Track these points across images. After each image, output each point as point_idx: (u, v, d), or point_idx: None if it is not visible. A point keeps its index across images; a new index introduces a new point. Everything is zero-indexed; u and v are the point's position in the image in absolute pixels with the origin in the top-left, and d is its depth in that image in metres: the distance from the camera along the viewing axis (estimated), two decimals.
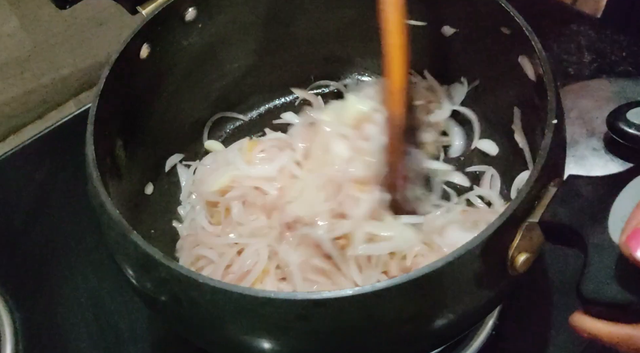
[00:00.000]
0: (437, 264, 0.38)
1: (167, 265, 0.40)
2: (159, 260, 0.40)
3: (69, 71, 0.87)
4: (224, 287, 0.39)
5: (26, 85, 0.85)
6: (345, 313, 0.39)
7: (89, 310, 0.66)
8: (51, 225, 0.72)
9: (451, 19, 0.61)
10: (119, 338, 0.64)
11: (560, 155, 0.45)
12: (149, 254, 0.41)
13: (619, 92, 0.73)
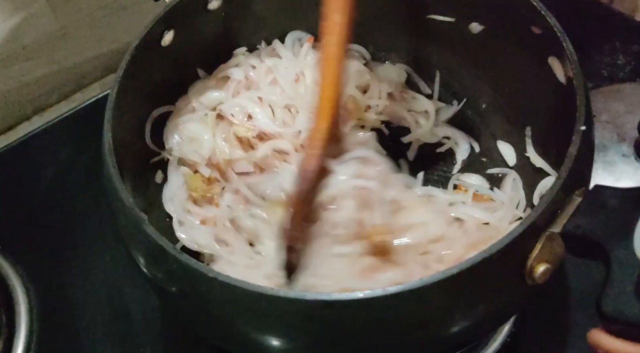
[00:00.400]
0: (452, 270, 0.37)
1: (176, 257, 0.40)
2: (169, 251, 0.40)
3: (94, 53, 0.87)
4: (233, 283, 0.38)
5: (52, 66, 0.85)
6: (356, 315, 0.38)
7: (103, 292, 0.66)
8: (70, 205, 0.72)
9: (480, 16, 0.59)
10: (130, 321, 0.64)
11: (587, 163, 0.43)
12: (159, 244, 0.40)
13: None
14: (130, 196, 0.43)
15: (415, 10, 0.63)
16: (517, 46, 0.56)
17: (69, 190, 0.74)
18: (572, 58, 0.46)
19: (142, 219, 0.41)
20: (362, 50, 0.68)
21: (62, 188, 0.74)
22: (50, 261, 0.69)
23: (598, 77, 0.73)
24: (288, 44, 0.65)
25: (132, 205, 0.42)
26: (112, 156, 0.45)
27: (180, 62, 0.59)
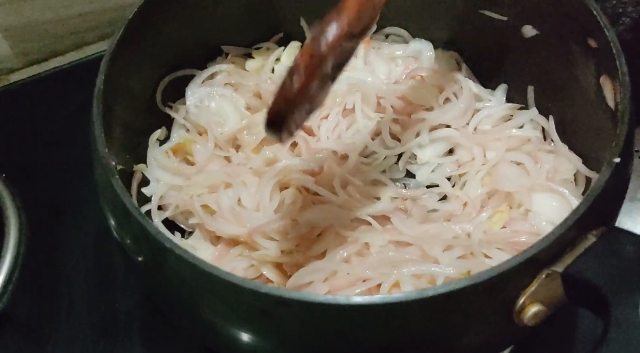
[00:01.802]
0: (427, 292, 0.33)
1: (139, 220, 0.37)
2: (132, 211, 0.37)
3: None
4: (191, 259, 0.35)
5: (92, 4, 0.83)
6: (313, 319, 0.34)
7: (90, 244, 0.64)
8: (77, 144, 0.70)
9: (536, 19, 0.53)
10: (112, 280, 0.62)
11: (613, 201, 0.38)
12: (123, 202, 0.37)
13: None
14: (105, 146, 0.40)
15: (468, 2, 0.58)
16: (569, 56, 0.51)
17: (80, 129, 0.72)
18: (624, 80, 0.40)
19: (112, 171, 0.38)
20: (404, 33, 0.63)
21: (75, 125, 0.72)
22: (46, 191, 0.69)
23: None
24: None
25: (105, 154, 0.39)
26: (100, 101, 0.42)
27: (199, 22, 0.56)
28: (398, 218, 0.50)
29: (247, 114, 0.57)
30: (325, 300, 0.33)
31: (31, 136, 0.74)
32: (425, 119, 0.56)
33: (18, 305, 0.62)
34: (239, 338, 0.38)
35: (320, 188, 0.52)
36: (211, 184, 0.53)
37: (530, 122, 0.55)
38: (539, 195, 0.49)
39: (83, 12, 0.84)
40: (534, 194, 0.49)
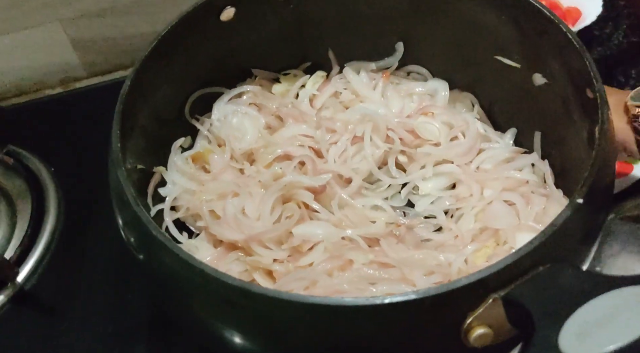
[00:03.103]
0: (374, 300, 0.35)
1: (132, 207, 0.41)
2: (130, 200, 0.41)
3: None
4: (170, 246, 0.39)
5: (155, 26, 0.91)
6: (273, 313, 0.37)
7: (116, 239, 0.69)
8: None
9: (543, 69, 0.56)
10: (129, 272, 0.67)
11: (573, 239, 0.39)
12: (124, 193, 0.42)
13: None
14: (119, 142, 0.45)
15: (485, 47, 0.61)
16: (570, 106, 0.52)
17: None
18: (603, 129, 0.42)
19: (120, 162, 0.43)
20: (425, 71, 0.66)
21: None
22: (87, 186, 0.75)
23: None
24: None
25: (117, 149, 0.44)
26: (122, 102, 0.47)
27: (233, 46, 0.61)
28: (387, 242, 0.53)
29: (265, 133, 0.62)
30: (280, 295, 0.36)
31: (84, 137, 0.82)
32: (430, 153, 0.59)
33: (42, 285, 0.68)
34: (210, 328, 0.42)
35: (318, 205, 0.55)
36: (221, 192, 0.57)
37: (530, 166, 0.57)
38: (523, 234, 0.50)
39: (145, 32, 0.92)
40: (518, 233, 0.50)
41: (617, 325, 0.28)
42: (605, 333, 0.28)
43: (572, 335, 0.29)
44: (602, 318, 0.29)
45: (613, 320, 0.29)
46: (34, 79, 0.93)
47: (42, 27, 0.88)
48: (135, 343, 0.63)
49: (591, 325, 0.29)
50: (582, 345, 0.28)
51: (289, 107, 0.63)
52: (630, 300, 0.29)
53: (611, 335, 0.28)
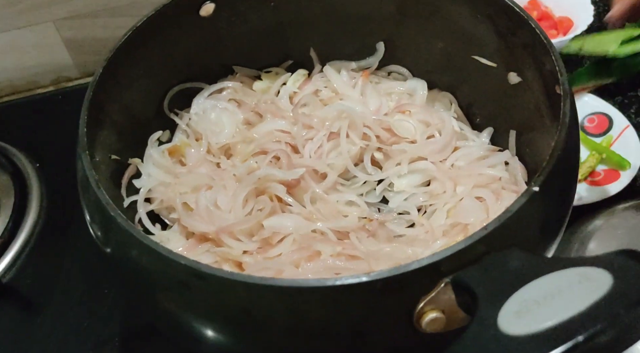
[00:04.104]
0: (327, 281, 0.35)
1: (95, 191, 0.41)
2: (92, 183, 0.42)
3: None
4: (126, 227, 0.39)
5: None
6: (225, 294, 0.37)
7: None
8: None
9: (518, 68, 0.56)
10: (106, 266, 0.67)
11: (528, 226, 0.39)
12: (86, 176, 0.42)
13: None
14: (85, 126, 0.45)
15: (463, 47, 0.61)
16: (543, 104, 0.52)
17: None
18: (564, 121, 0.42)
19: (85, 147, 0.44)
20: (405, 71, 0.67)
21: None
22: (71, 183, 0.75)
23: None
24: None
25: (84, 134, 0.45)
26: (93, 89, 0.48)
27: (214, 42, 0.62)
28: (357, 235, 0.53)
29: (243, 128, 0.62)
30: (231, 276, 0.36)
31: (72, 135, 0.82)
32: (406, 150, 0.59)
33: (19, 278, 0.69)
34: (171, 314, 0.42)
35: (290, 198, 0.55)
36: (195, 185, 0.57)
37: (503, 163, 0.57)
38: None
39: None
40: None
41: (556, 303, 0.28)
42: (543, 311, 0.28)
43: (511, 314, 0.29)
44: (542, 297, 0.29)
45: (552, 299, 0.29)
46: (27, 78, 0.95)
47: (35, 27, 0.89)
48: (109, 337, 0.63)
49: (531, 304, 0.29)
50: (520, 322, 0.28)
51: (268, 104, 0.63)
52: (571, 280, 0.29)
53: (549, 312, 0.28)
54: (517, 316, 0.29)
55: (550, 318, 0.27)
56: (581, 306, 0.27)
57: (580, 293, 0.28)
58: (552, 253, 0.42)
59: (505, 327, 0.28)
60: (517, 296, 0.30)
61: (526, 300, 0.29)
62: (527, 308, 0.29)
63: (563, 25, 0.99)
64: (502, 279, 0.32)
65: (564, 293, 0.29)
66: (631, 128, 0.83)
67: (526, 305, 0.29)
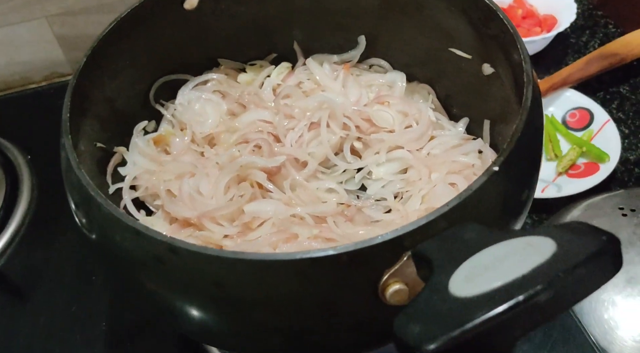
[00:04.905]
0: (295, 255, 0.37)
1: (72, 167, 0.43)
2: (73, 164, 0.43)
3: None
4: (106, 206, 0.41)
5: None
6: (199, 269, 0.39)
7: None
8: None
9: (490, 59, 0.58)
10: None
11: (487, 204, 0.41)
12: (68, 158, 0.44)
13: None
14: (68, 111, 0.47)
15: (441, 41, 0.63)
16: (512, 93, 0.54)
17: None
18: (525, 105, 0.44)
19: (67, 131, 0.45)
20: (386, 64, 0.69)
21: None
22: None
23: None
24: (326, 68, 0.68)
25: (67, 119, 0.46)
26: (77, 75, 0.50)
27: (199, 35, 0.64)
28: (334, 220, 0.54)
29: (226, 119, 0.64)
30: (204, 250, 0.38)
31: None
32: (384, 140, 0.61)
33: (9, 265, 0.70)
34: (150, 293, 0.44)
35: (270, 185, 0.57)
36: (179, 173, 0.59)
37: (477, 152, 0.59)
38: None
39: None
40: None
41: (501, 267, 0.30)
42: (490, 274, 0.30)
43: (461, 279, 0.31)
44: (490, 263, 0.31)
45: (500, 264, 0.30)
46: (19, 74, 0.97)
47: (28, 24, 0.91)
48: (96, 322, 0.65)
49: (480, 269, 0.31)
50: (468, 285, 0.30)
51: (252, 95, 0.65)
52: (518, 247, 0.31)
53: (495, 276, 0.29)
54: (466, 280, 0.30)
55: (495, 281, 0.29)
56: (524, 270, 0.29)
57: (525, 259, 0.30)
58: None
59: (455, 290, 0.30)
60: (468, 264, 0.32)
61: (475, 266, 0.31)
62: (475, 273, 0.31)
63: (547, 23, 1.01)
64: (456, 249, 0.34)
65: (510, 258, 0.31)
66: (611, 123, 0.85)
67: (475, 271, 0.31)
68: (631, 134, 0.87)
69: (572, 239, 0.31)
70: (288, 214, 0.55)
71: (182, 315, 0.44)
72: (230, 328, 0.43)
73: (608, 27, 1.06)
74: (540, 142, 0.47)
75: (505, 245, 0.32)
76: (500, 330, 0.28)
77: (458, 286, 0.30)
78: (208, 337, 0.48)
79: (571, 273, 0.28)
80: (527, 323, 0.29)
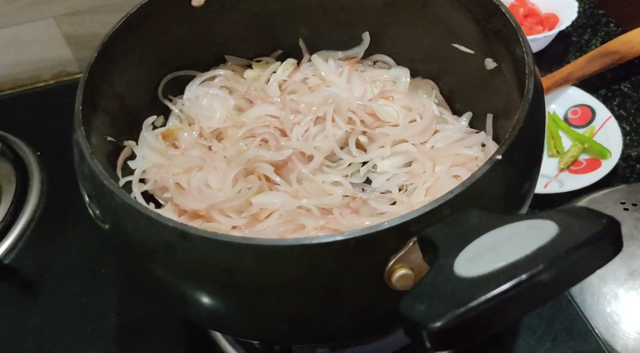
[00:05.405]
0: (304, 240, 0.38)
1: (86, 156, 0.44)
2: (85, 153, 0.45)
3: None
4: (120, 195, 0.42)
5: None
6: (209, 255, 0.40)
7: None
8: None
9: (493, 54, 0.59)
10: (103, 248, 0.70)
11: (491, 191, 0.42)
12: (81, 148, 0.45)
13: None
14: (81, 104, 0.48)
15: (444, 37, 0.64)
16: (514, 87, 0.55)
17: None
18: (527, 96, 0.45)
19: (80, 123, 0.46)
20: (390, 60, 0.70)
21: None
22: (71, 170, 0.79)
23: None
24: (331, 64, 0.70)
25: (79, 111, 0.48)
26: (89, 70, 0.51)
27: (206, 32, 0.65)
28: (340, 212, 0.55)
29: (233, 113, 0.65)
30: (215, 236, 0.39)
31: (69, 124, 0.86)
32: (388, 134, 0.62)
33: (20, 259, 0.71)
34: (162, 280, 0.45)
35: (277, 178, 0.58)
36: (188, 167, 0.60)
37: (480, 145, 0.60)
38: None
39: None
40: None
41: (505, 249, 0.31)
42: (493, 255, 0.31)
43: (465, 260, 0.32)
44: (494, 245, 0.32)
45: (504, 245, 0.31)
46: (28, 73, 0.98)
47: (36, 23, 0.93)
48: (106, 314, 0.66)
49: (484, 251, 0.32)
50: (473, 266, 0.31)
51: (258, 90, 0.66)
52: (521, 229, 0.32)
53: (498, 256, 0.30)
54: (470, 261, 0.31)
55: (499, 261, 0.30)
56: (527, 251, 0.30)
57: (528, 240, 0.31)
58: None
59: (459, 271, 0.31)
60: (472, 246, 0.33)
61: (479, 248, 0.32)
62: (479, 254, 0.32)
63: (549, 22, 1.02)
64: (460, 233, 0.35)
65: (513, 240, 0.32)
66: (613, 119, 0.86)
67: (479, 252, 0.32)
68: (632, 131, 0.88)
69: (574, 222, 0.31)
70: (295, 206, 0.56)
71: (192, 302, 0.45)
72: (238, 314, 0.44)
73: (609, 25, 1.07)
74: (542, 135, 0.48)
75: (509, 228, 0.33)
76: (504, 308, 0.29)
77: (463, 267, 0.31)
78: (216, 323, 0.49)
79: (573, 253, 0.29)
80: (529, 302, 0.30)
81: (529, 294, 0.29)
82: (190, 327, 0.64)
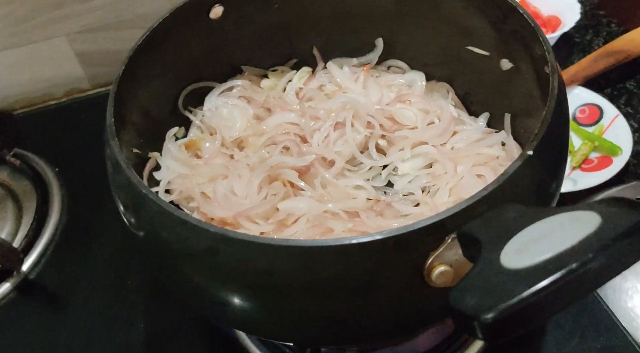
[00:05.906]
0: (343, 240, 0.39)
1: (122, 167, 0.45)
2: (121, 163, 0.45)
3: None
4: (158, 201, 0.43)
5: None
6: (250, 258, 0.41)
7: (118, 233, 0.74)
8: None
9: (508, 54, 0.60)
10: (128, 260, 0.71)
11: (523, 186, 0.43)
12: (116, 158, 0.46)
13: None
14: (112, 117, 0.49)
15: (458, 40, 0.65)
16: (533, 86, 0.56)
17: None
18: (552, 94, 0.46)
19: (113, 135, 0.47)
20: (403, 65, 0.71)
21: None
22: (90, 185, 0.80)
23: None
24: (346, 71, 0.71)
25: (112, 123, 0.48)
26: (118, 83, 0.52)
27: (223, 44, 0.66)
28: (366, 214, 0.56)
29: (253, 122, 0.66)
30: (256, 239, 0.39)
31: (87, 140, 0.86)
32: (408, 136, 0.63)
33: (45, 274, 0.72)
34: (200, 286, 0.45)
35: (302, 183, 0.59)
36: (212, 176, 0.61)
37: (500, 144, 0.61)
38: None
39: None
40: None
41: (550, 240, 0.32)
42: (540, 247, 0.31)
43: (512, 252, 0.32)
44: (538, 237, 0.32)
45: (547, 237, 0.32)
46: (41, 91, 0.99)
47: (49, 42, 0.94)
48: (133, 323, 0.66)
49: (529, 242, 0.32)
50: (520, 257, 0.31)
51: (276, 99, 0.67)
52: (564, 221, 0.33)
53: (545, 247, 0.31)
54: (517, 253, 0.32)
55: (546, 252, 0.31)
56: (573, 241, 0.31)
57: (572, 231, 0.32)
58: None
59: (507, 263, 0.32)
60: (516, 239, 0.33)
61: (524, 241, 0.33)
62: (525, 246, 0.32)
63: (552, 24, 1.04)
64: (502, 226, 0.36)
65: (558, 232, 0.32)
66: (621, 117, 0.87)
67: (524, 244, 0.32)
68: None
69: (616, 211, 0.32)
70: (321, 210, 0.56)
71: (228, 305, 0.45)
72: (274, 316, 0.45)
73: (611, 26, 1.08)
74: (567, 131, 0.49)
75: (551, 220, 0.34)
76: (554, 298, 0.30)
77: (510, 259, 0.32)
78: (250, 325, 0.49)
79: (620, 240, 0.30)
80: (578, 291, 0.31)
81: (579, 283, 0.30)
82: (217, 332, 0.64)
